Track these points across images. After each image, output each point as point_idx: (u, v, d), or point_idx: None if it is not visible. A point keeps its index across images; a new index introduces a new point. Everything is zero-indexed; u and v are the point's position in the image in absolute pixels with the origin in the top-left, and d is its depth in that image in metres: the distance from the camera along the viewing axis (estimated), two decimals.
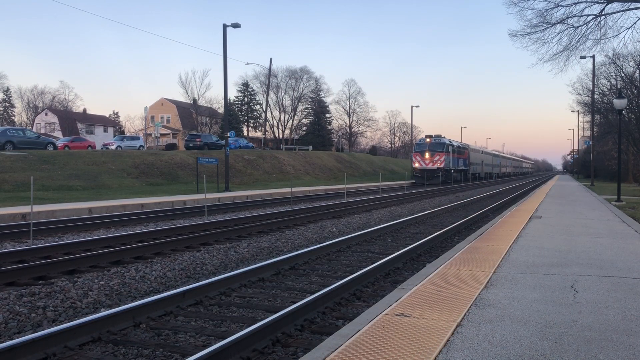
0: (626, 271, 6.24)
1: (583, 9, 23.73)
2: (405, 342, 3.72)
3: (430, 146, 46.30)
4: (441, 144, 46.49)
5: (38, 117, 76.20)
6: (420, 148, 47.30)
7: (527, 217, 12.64)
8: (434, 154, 45.57)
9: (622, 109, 21.84)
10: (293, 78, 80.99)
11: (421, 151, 46.34)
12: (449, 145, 47.46)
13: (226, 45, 28.13)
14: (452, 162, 48.04)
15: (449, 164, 47.16)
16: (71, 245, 9.83)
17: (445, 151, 46.02)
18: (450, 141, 49.79)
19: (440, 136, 48.55)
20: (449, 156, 47.21)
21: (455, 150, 49.93)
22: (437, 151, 45.58)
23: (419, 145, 48.17)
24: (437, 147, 46.05)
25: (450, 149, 47.80)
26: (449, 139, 50.29)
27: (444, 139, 47.40)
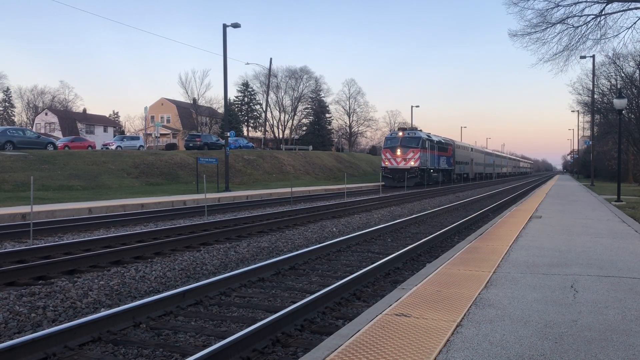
0: (626, 271, 6.24)
1: (583, 9, 23.75)
2: (405, 342, 3.72)
3: (403, 141, 38.68)
4: (416, 138, 38.99)
5: (38, 117, 76.20)
6: (390, 143, 39.72)
7: (527, 217, 12.64)
8: (407, 150, 38.12)
9: (622, 109, 21.84)
10: (293, 78, 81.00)
11: (391, 147, 39.01)
12: (426, 140, 40.25)
13: (226, 45, 28.15)
14: (430, 160, 41.09)
15: (426, 162, 40.12)
16: (71, 245, 9.83)
17: (420, 147, 38.71)
18: (428, 135, 42.88)
19: (416, 129, 42.19)
20: (426, 153, 40.12)
21: (434, 147, 42.92)
22: (411, 147, 38.21)
23: (390, 140, 40.33)
24: (410, 142, 38.58)
25: (427, 144, 40.61)
26: (427, 133, 43.68)
27: (419, 133, 40.26)
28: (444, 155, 46.05)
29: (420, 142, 39.03)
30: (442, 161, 45.37)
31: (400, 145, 38.58)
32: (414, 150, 38.20)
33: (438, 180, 43.85)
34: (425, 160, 39.87)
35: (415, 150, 38.24)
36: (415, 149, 38.36)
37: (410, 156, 38.06)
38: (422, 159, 38.76)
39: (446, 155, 47.13)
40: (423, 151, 39.16)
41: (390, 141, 40.16)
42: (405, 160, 38.13)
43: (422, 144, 39.34)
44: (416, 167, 37.94)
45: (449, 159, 48.41)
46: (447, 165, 47.53)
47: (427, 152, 40.15)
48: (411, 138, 39.00)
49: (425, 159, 39.63)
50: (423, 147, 39.35)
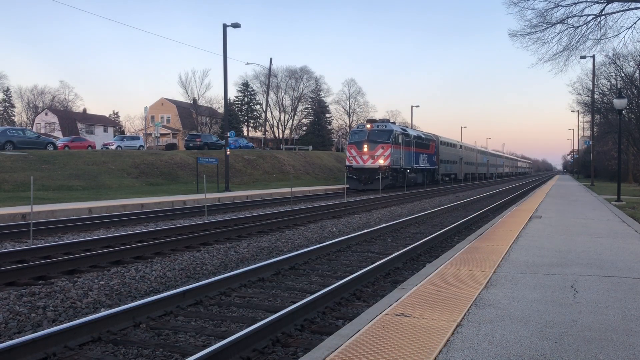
0: (626, 271, 6.24)
1: (583, 9, 23.75)
2: (405, 342, 3.72)
3: (371, 135, 32.55)
4: (386, 131, 32.83)
5: (38, 117, 76.18)
6: (356, 138, 33.42)
7: (527, 217, 12.64)
8: (376, 146, 32.05)
9: (622, 109, 21.84)
10: (293, 78, 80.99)
11: (357, 142, 32.77)
12: (399, 135, 34.02)
13: (226, 45, 28.14)
14: (406, 158, 35.25)
15: (399, 160, 33.94)
16: (71, 245, 9.83)
17: (392, 142, 32.49)
18: (404, 129, 37.54)
19: (388, 121, 36.15)
20: (400, 150, 33.99)
21: (412, 143, 36.77)
22: (380, 142, 32.08)
23: (355, 134, 34.21)
24: (380, 137, 32.38)
25: (402, 139, 34.37)
26: (402, 126, 39.14)
27: (391, 125, 34.43)
28: (424, 152, 40.04)
29: (392, 136, 32.70)
30: (422, 159, 39.35)
31: (368, 140, 32.28)
32: (384, 146, 31.94)
33: (417, 181, 38.22)
34: (399, 158, 33.77)
35: (386, 146, 31.96)
36: (385, 144, 32.06)
37: (380, 153, 31.88)
38: (394, 157, 32.70)
39: (427, 152, 41.17)
40: (395, 147, 33.08)
41: (355, 135, 34.00)
42: (374, 158, 31.92)
43: (395, 139, 33.10)
44: (386, 166, 31.78)
45: (431, 157, 42.47)
46: (429, 165, 41.63)
47: (400, 148, 34.04)
48: (381, 131, 32.82)
49: (398, 157, 33.57)
50: (395, 142, 33.14)
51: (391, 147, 32.27)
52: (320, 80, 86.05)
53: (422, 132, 45.69)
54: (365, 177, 31.90)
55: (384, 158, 31.97)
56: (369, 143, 32.27)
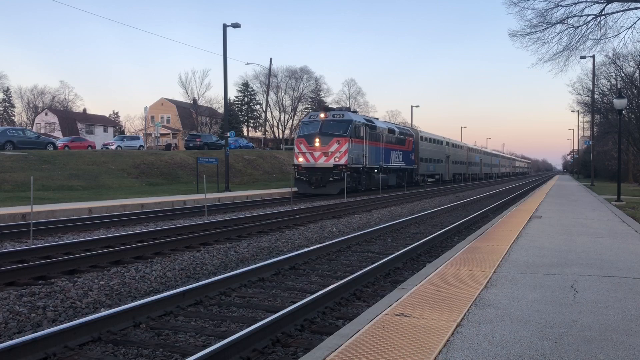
0: (626, 271, 6.24)
1: (583, 9, 23.76)
2: (405, 342, 3.72)
3: (324, 126, 26.56)
4: (344, 122, 26.77)
5: (38, 117, 76.19)
6: (306, 130, 27.28)
7: (527, 217, 12.64)
8: (330, 140, 25.99)
9: (622, 109, 21.85)
10: (293, 78, 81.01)
11: (308, 136, 26.60)
12: (361, 126, 27.91)
13: (226, 45, 28.15)
14: (371, 155, 29.14)
15: (361, 158, 27.82)
16: (71, 245, 9.83)
17: (351, 135, 26.40)
18: (369, 119, 31.16)
19: (348, 110, 30.45)
20: (362, 145, 27.83)
21: (380, 136, 30.47)
22: (336, 135, 26.09)
23: (306, 125, 27.90)
24: (335, 128, 26.44)
25: (364, 132, 28.10)
26: (366, 116, 33.61)
27: (351, 114, 28.05)
28: (398, 149, 34.18)
29: (351, 128, 26.52)
30: (394, 157, 33.40)
31: (320, 133, 26.20)
32: (341, 140, 25.90)
33: (388, 183, 32.35)
34: (360, 155, 27.64)
35: (343, 140, 25.90)
36: (342, 137, 26.00)
37: (335, 148, 25.81)
38: (354, 153, 26.68)
39: (403, 149, 35.17)
40: (356, 141, 27.04)
41: (306, 127, 27.65)
42: (327, 155, 25.83)
43: (355, 131, 26.94)
44: (343, 165, 25.71)
45: (408, 155, 36.48)
46: (405, 163, 35.57)
47: (363, 143, 27.94)
48: (337, 122, 26.77)
49: (359, 153, 27.48)
50: (356, 135, 27.05)
51: (349, 142, 26.15)
52: (320, 80, 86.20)
53: (396, 124, 40.41)
54: (317, 179, 25.81)
55: (339, 155, 25.83)
56: (321, 136, 26.09)
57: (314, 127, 27.03)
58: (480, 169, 67.29)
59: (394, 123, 41.30)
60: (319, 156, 26.17)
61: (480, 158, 67.95)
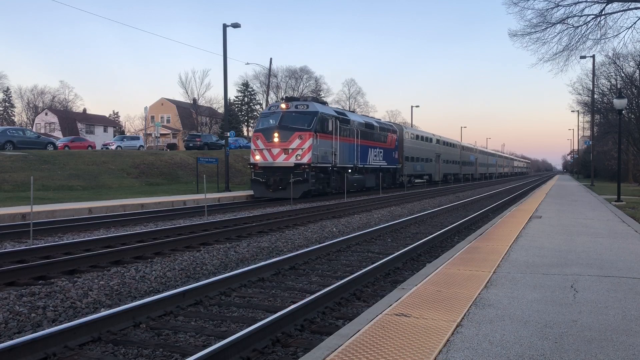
0: (626, 271, 6.24)
1: (583, 9, 23.77)
2: (405, 342, 3.72)
3: (285, 119, 23.26)
4: (308, 114, 23.30)
5: (38, 117, 76.22)
6: (265, 124, 23.94)
7: (527, 217, 12.64)
8: (290, 134, 22.64)
9: (622, 109, 21.86)
10: (293, 78, 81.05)
11: (265, 130, 23.30)
12: (330, 119, 24.45)
13: (226, 45, 28.15)
14: (343, 152, 25.71)
15: (331, 156, 24.46)
16: (71, 245, 9.83)
17: (317, 130, 23.02)
18: (340, 112, 27.25)
19: (316, 100, 26.77)
20: (332, 141, 24.45)
21: (354, 132, 27.03)
22: (298, 129, 22.76)
23: (265, 118, 24.51)
24: (298, 122, 23.11)
25: (334, 126, 24.67)
26: (337, 108, 29.36)
27: (317, 105, 24.40)
28: (378, 146, 30.74)
29: (316, 121, 23.01)
30: (373, 155, 29.85)
31: (279, 127, 22.81)
32: (304, 135, 22.44)
33: (365, 184, 28.85)
34: (328, 153, 24.16)
35: (305, 135, 22.44)
36: (305, 132, 22.58)
37: (297, 145, 22.38)
38: (320, 150, 23.23)
39: (383, 146, 31.69)
40: (323, 137, 23.60)
41: (265, 120, 24.23)
42: (287, 153, 22.49)
43: (321, 125, 23.45)
44: (306, 164, 22.29)
45: (390, 153, 32.87)
46: (387, 162, 32.18)
47: (332, 138, 24.51)
48: (300, 114, 23.30)
49: (327, 151, 24.01)
50: (322, 129, 23.58)
51: (314, 137, 22.62)
52: (320, 80, 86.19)
53: (376, 118, 36.40)
54: (275, 180, 22.29)
55: (302, 152, 22.26)
56: (280, 131, 22.59)
57: (273, 120, 23.54)
58: (475, 169, 64.22)
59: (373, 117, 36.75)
60: (277, 154, 22.64)
61: (476, 157, 65.07)
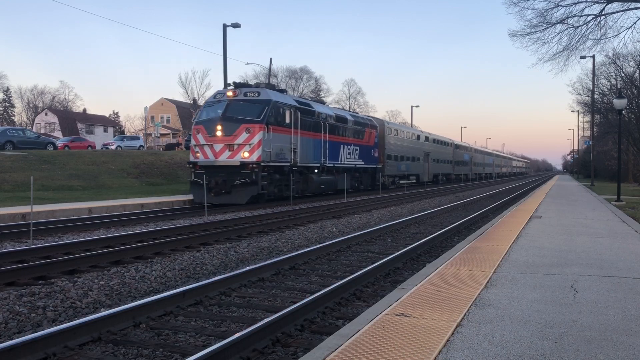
0: (626, 271, 6.24)
1: (583, 9, 23.77)
2: (405, 342, 3.72)
3: (231, 109, 19.46)
4: (259, 102, 19.61)
5: (38, 117, 76.25)
6: (207, 114, 20.09)
7: (527, 217, 12.64)
8: (236, 127, 18.97)
9: (622, 109, 21.87)
10: (293, 78, 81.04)
11: (208, 122, 19.51)
12: (288, 109, 20.71)
13: (226, 45, 28.18)
14: (306, 149, 22.09)
15: (290, 152, 20.82)
16: (71, 245, 9.83)
17: (268, 121, 19.29)
18: (301, 101, 23.39)
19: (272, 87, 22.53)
20: (291, 135, 20.78)
21: (320, 125, 23.48)
22: (246, 121, 19.04)
23: (208, 109, 20.47)
24: (246, 112, 19.40)
25: (291, 117, 20.84)
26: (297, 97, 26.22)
27: (270, 93, 20.46)
28: (353, 142, 27.17)
29: (268, 111, 19.22)
30: (346, 153, 26.23)
31: (223, 118, 18.97)
32: (252, 128, 18.68)
33: (335, 186, 25.35)
34: (286, 150, 20.41)
35: (254, 128, 18.68)
36: (254, 124, 18.80)
37: (243, 139, 18.59)
38: (272, 146, 19.32)
39: (360, 143, 28.22)
40: (278, 130, 19.76)
41: (207, 110, 20.24)
42: (232, 149, 18.65)
43: (275, 116, 19.66)
44: (254, 163, 18.46)
45: (369, 151, 29.65)
46: (364, 161, 28.77)
47: (291, 132, 20.72)
48: (249, 103, 19.46)
49: (282, 147, 20.17)
50: (277, 121, 19.79)
51: (265, 130, 18.85)
52: (320, 80, 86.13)
53: (350, 111, 32.80)
54: (217, 182, 18.39)
55: (250, 148, 18.50)
56: (224, 123, 18.74)
57: (216, 110, 19.52)
58: (470, 168, 60.74)
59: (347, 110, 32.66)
60: (220, 150, 18.73)
61: (471, 157, 61.43)
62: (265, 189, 19.25)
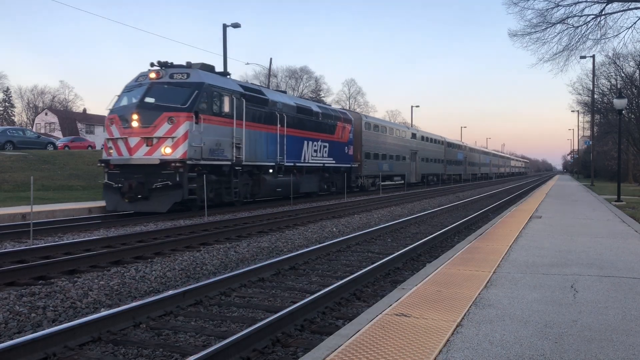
0: (626, 271, 6.24)
1: (583, 9, 23.77)
2: (405, 342, 3.72)
3: (151, 94, 15.77)
4: (186, 85, 15.96)
5: (38, 117, 76.26)
6: (123, 101, 16.41)
7: (527, 217, 12.64)
8: (157, 116, 15.19)
9: (622, 109, 21.88)
10: (293, 78, 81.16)
11: (122, 110, 15.78)
12: (224, 96, 16.92)
13: (226, 45, 28.15)
14: (255, 144, 18.68)
15: (232, 148, 17.09)
16: (71, 245, 9.83)
17: (198, 109, 15.60)
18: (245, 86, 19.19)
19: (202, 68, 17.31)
20: (230, 128, 17.09)
21: (276, 117, 20.00)
22: (168, 108, 15.30)
23: (126, 95, 16.53)
24: (168, 98, 15.64)
25: (232, 105, 17.18)
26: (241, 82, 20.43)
27: (200, 74, 16.49)
28: (321, 138, 23.82)
29: (198, 96, 15.81)
30: (311, 150, 23.05)
31: (141, 106, 15.56)
32: (175, 117, 15.22)
33: (297, 188, 21.89)
34: (225, 145, 16.76)
35: (179, 117, 15.25)
36: (178, 112, 15.34)
37: (164, 131, 15.16)
38: (203, 140, 15.81)
39: (331, 139, 24.85)
40: (212, 121, 16.28)
41: (125, 96, 16.62)
42: (150, 144, 15.22)
43: (208, 103, 16.24)
44: (178, 161, 15.04)
45: (342, 148, 26.17)
46: (335, 160, 25.30)
47: (232, 124, 17.09)
48: (174, 87, 16.06)
49: (220, 141, 16.56)
50: (212, 110, 16.35)
51: (193, 120, 15.29)
52: (320, 80, 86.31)
53: (320, 103, 29.62)
54: (131, 185, 14.92)
55: (173, 142, 14.95)
56: (142, 111, 15.21)
57: (135, 96, 15.91)
58: (464, 168, 57.23)
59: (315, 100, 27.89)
60: (137, 145, 15.06)
61: (465, 156, 57.75)
62: (195, 193, 15.53)
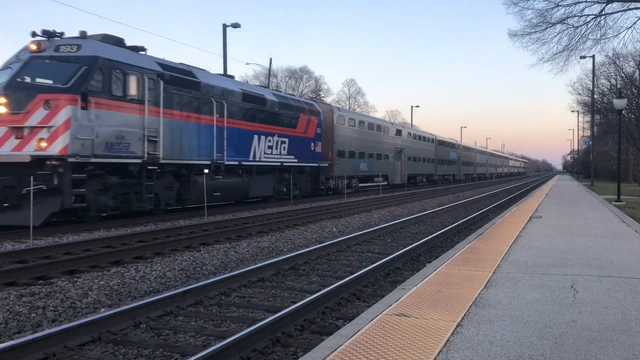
0: (626, 271, 6.24)
1: (583, 9, 23.76)
2: (405, 342, 3.72)
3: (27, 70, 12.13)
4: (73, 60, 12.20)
5: None
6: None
7: (527, 217, 12.64)
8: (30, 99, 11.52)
9: (622, 109, 21.88)
10: (293, 78, 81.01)
11: None
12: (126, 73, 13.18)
13: (226, 45, 28.14)
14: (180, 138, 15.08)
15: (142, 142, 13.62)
16: (71, 245, 9.84)
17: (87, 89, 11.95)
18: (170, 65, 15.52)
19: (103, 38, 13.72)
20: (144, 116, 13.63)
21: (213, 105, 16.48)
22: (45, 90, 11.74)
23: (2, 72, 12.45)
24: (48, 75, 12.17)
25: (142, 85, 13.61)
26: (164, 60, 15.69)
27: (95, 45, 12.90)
28: (279, 132, 20.80)
29: (86, 72, 12.16)
30: (266, 147, 19.91)
31: (10, 86, 11.83)
32: (54, 100, 11.63)
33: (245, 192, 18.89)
34: (130, 136, 13.36)
35: (59, 100, 11.67)
36: (57, 93, 11.74)
37: (39, 118, 11.61)
38: (99, 130, 12.37)
39: (292, 134, 21.92)
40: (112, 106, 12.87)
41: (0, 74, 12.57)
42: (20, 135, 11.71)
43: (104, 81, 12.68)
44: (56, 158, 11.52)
45: (307, 145, 23.26)
46: (298, 158, 22.39)
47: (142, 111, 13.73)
48: (58, 62, 12.39)
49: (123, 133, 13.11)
50: (111, 92, 12.84)
51: (79, 104, 11.95)
52: (320, 80, 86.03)
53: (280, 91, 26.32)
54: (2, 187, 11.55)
55: (50, 132, 11.69)
56: (11, 92, 11.88)
57: (7, 74, 12.42)
58: (458, 168, 54.09)
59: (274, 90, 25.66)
60: (2, 137, 11.85)
61: (459, 155, 54.53)
62: (87, 200, 12.47)
